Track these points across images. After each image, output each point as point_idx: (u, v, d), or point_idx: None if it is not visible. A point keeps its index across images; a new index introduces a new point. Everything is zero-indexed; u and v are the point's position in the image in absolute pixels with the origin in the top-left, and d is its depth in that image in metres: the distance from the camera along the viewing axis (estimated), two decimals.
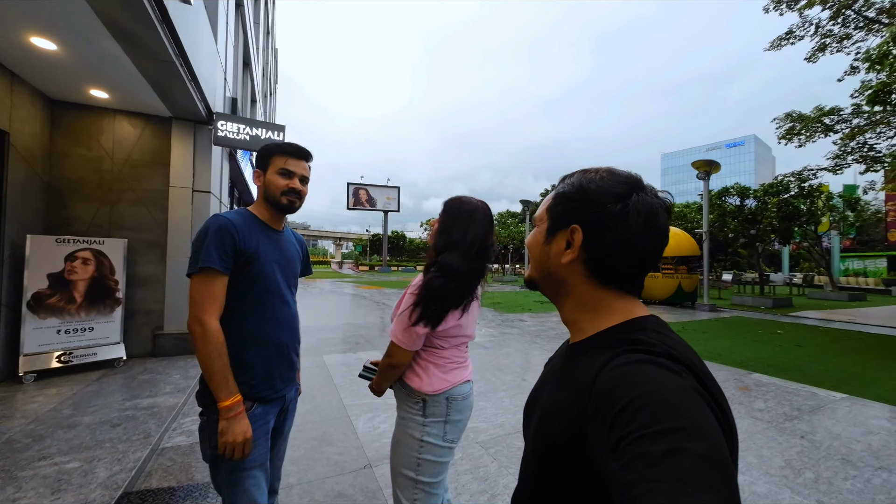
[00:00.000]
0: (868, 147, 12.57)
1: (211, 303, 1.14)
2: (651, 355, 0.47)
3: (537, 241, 0.64)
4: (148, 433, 2.63)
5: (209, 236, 1.16)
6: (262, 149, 1.32)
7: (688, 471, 0.34)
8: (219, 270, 1.15)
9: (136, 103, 4.42)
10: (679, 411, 0.39)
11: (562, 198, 0.62)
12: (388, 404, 3.50)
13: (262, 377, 1.24)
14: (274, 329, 1.27)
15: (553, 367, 0.67)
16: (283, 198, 1.29)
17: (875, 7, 11.47)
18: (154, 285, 4.64)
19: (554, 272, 0.62)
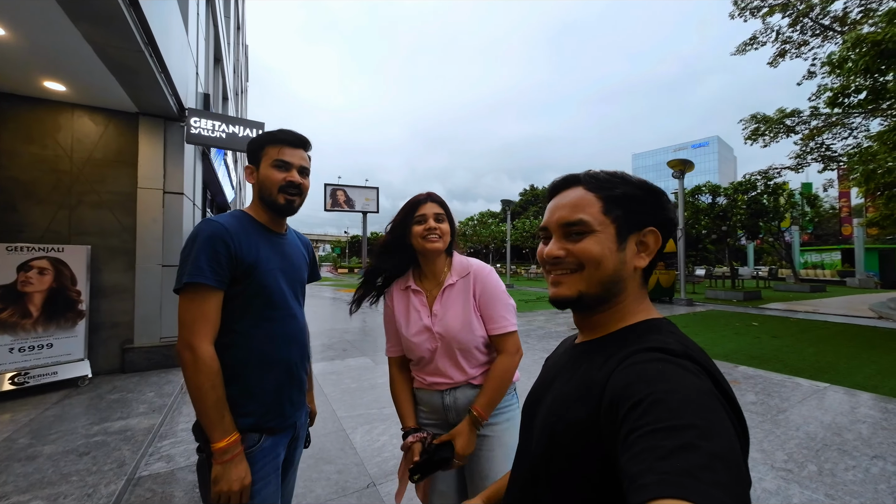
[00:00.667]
0: (825, 147, 13.39)
1: (203, 324, 0.97)
2: (669, 355, 0.47)
3: (610, 250, 0.57)
4: (122, 461, 2.36)
5: (198, 245, 0.98)
6: (253, 140, 1.14)
7: (699, 467, 0.34)
8: (211, 286, 0.98)
9: (97, 97, 4.04)
10: (694, 410, 0.39)
11: (631, 199, 0.59)
12: (384, 415, 3.34)
13: (271, 404, 1.07)
14: (281, 347, 1.10)
15: (557, 366, 0.65)
16: (281, 196, 1.11)
17: (830, 15, 12.20)
18: (122, 295, 4.26)
19: (621, 279, 0.58)
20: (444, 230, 1.21)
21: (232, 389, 1.00)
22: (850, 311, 10.36)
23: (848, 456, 2.64)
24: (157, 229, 4.42)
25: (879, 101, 8.54)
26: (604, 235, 0.57)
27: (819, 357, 5.38)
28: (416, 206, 1.22)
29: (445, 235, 1.21)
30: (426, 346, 1.19)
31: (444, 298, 1.21)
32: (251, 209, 1.17)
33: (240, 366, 1.03)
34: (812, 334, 7.11)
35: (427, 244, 1.18)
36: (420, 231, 1.19)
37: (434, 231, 1.18)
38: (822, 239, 32.85)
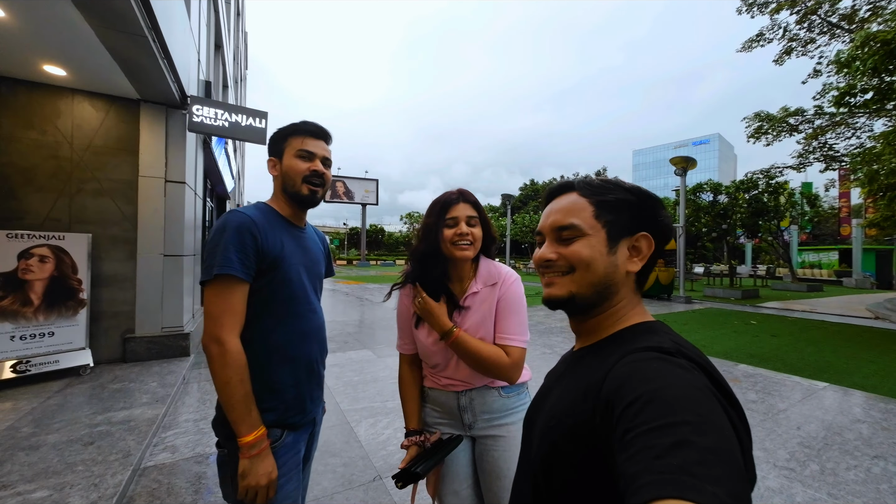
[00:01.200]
0: (828, 147, 13.36)
1: (230, 317, 0.96)
2: (662, 353, 0.48)
3: (601, 253, 0.59)
4: (127, 451, 2.36)
5: (227, 236, 0.97)
6: (276, 133, 1.14)
7: (695, 463, 0.34)
8: (239, 278, 0.97)
9: (98, 83, 3.97)
10: (688, 406, 0.39)
11: (623, 204, 0.61)
12: (387, 408, 3.35)
13: (292, 400, 1.06)
14: (303, 342, 1.09)
15: (555, 376, 0.66)
16: (304, 186, 1.10)
17: (838, 13, 12.08)
18: (123, 284, 4.23)
19: (613, 283, 0.60)
20: (476, 235, 1.13)
21: (254, 385, 0.99)
22: (847, 311, 10.42)
23: (849, 456, 2.66)
24: (158, 218, 4.38)
25: (885, 102, 8.50)
26: (595, 239, 0.59)
27: (818, 356, 5.41)
28: (448, 208, 1.14)
29: (477, 241, 1.14)
30: (442, 354, 1.16)
31: (465, 306, 1.16)
32: (273, 202, 1.16)
33: (262, 361, 1.02)
34: (811, 334, 7.16)
35: (457, 251, 1.11)
36: (450, 236, 1.12)
37: (466, 237, 1.11)
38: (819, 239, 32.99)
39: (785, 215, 16.09)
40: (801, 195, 17.28)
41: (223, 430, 0.99)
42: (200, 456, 2.49)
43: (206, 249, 1.00)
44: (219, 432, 1.02)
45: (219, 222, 1.01)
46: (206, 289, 0.97)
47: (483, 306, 1.15)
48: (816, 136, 13.18)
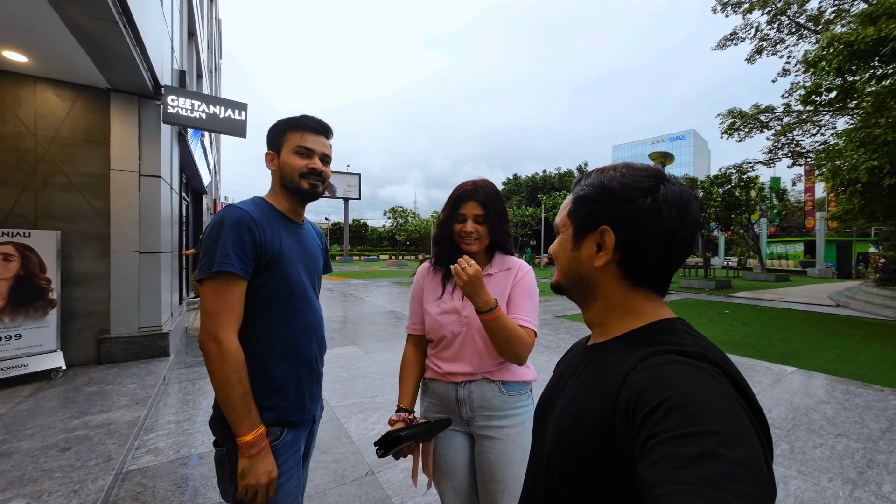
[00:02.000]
0: (795, 143, 14.00)
1: (228, 314, 0.94)
2: (687, 357, 0.46)
3: (564, 249, 0.62)
4: (108, 455, 2.28)
5: (225, 232, 0.95)
6: (274, 125, 1.11)
7: (721, 476, 0.32)
8: (238, 275, 0.95)
9: (63, 70, 3.74)
10: (715, 416, 0.37)
11: (585, 200, 0.60)
12: (377, 403, 3.35)
13: (292, 398, 1.05)
14: (303, 340, 1.08)
15: (570, 369, 0.65)
16: (303, 181, 1.08)
17: (805, 14, 12.59)
18: (96, 283, 4.05)
19: (585, 277, 0.60)
20: (481, 232, 1.21)
21: (253, 383, 0.97)
22: (811, 300, 11.03)
23: (816, 435, 2.84)
24: (133, 214, 4.19)
25: (848, 101, 8.96)
26: (564, 236, 0.63)
27: (786, 343, 5.72)
28: (459, 204, 1.22)
29: (483, 238, 1.22)
30: (451, 328, 1.19)
31: None
32: (270, 197, 1.13)
33: (261, 359, 1.01)
34: (779, 321, 7.55)
35: (463, 245, 1.22)
36: (458, 230, 1.22)
37: (470, 234, 1.20)
38: (786, 231, 34.62)
39: (755, 209, 16.80)
40: (770, 189, 18.09)
41: (221, 429, 0.98)
42: (185, 458, 2.43)
43: (203, 246, 0.97)
44: (217, 431, 1.00)
45: (215, 218, 0.99)
46: (204, 286, 0.95)
47: (496, 290, 1.20)
48: (785, 133, 13.79)
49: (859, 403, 3.44)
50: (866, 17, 7.52)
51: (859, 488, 2.20)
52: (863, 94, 8.22)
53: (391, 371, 4.25)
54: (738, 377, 0.46)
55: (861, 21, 7.62)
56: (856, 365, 4.62)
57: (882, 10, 7.24)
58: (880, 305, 9.11)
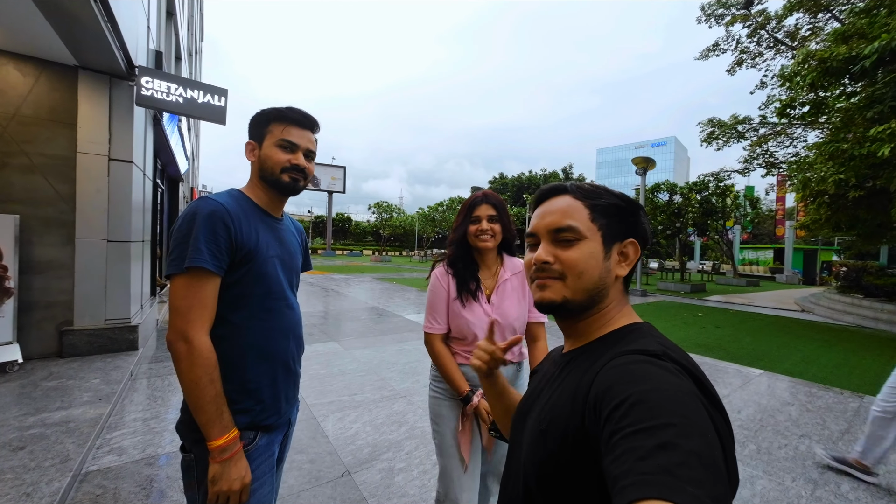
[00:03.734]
0: (769, 154, 14.56)
1: (199, 312, 0.89)
2: (650, 356, 0.48)
3: (596, 258, 0.59)
4: (65, 455, 2.15)
5: (198, 225, 0.89)
6: (258, 115, 1.05)
7: (677, 465, 0.34)
8: (210, 271, 0.90)
9: (25, 44, 3.50)
10: (673, 409, 0.39)
11: (615, 210, 0.61)
12: (355, 402, 3.29)
13: (267, 401, 1.00)
14: (280, 340, 1.03)
15: (545, 377, 0.66)
16: (284, 175, 1.03)
17: (783, 30, 13.07)
18: (58, 272, 3.82)
19: (604, 287, 0.61)
20: (496, 230, 1.36)
21: (226, 385, 0.92)
22: (779, 305, 11.53)
23: (781, 436, 2.95)
24: (101, 200, 3.98)
25: (819, 115, 9.36)
26: (593, 243, 0.60)
27: (755, 346, 5.95)
28: (473, 208, 1.37)
29: (497, 235, 1.37)
30: (482, 328, 1.33)
31: (500, 291, 1.39)
32: (248, 189, 1.06)
33: (235, 360, 0.95)
34: (748, 325, 7.85)
35: (479, 243, 1.36)
36: (474, 231, 1.36)
37: (486, 232, 1.35)
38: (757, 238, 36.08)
39: (730, 216, 17.43)
40: (744, 198, 18.80)
41: (189, 433, 0.92)
42: (151, 458, 2.32)
43: (174, 239, 0.91)
44: (184, 435, 0.94)
45: (188, 210, 0.92)
46: (174, 282, 0.89)
47: (515, 293, 1.40)
48: (760, 144, 14.32)
49: (821, 405, 3.60)
50: (839, 35, 7.85)
51: (820, 487, 2.30)
52: (833, 110, 8.60)
53: (371, 368, 4.19)
54: (698, 374, 0.48)
55: (834, 39, 7.94)
56: (818, 368, 4.84)
57: (853, 30, 7.56)
58: (841, 311, 9.60)
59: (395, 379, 3.90)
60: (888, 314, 8.33)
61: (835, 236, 16.35)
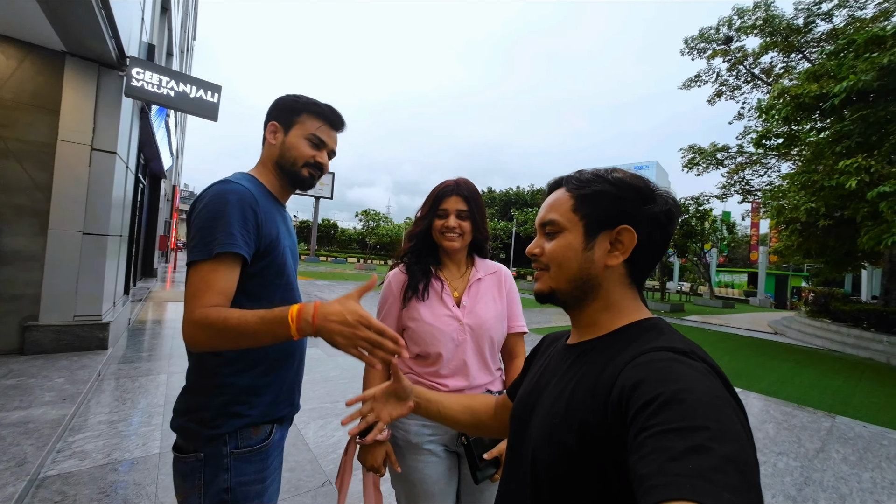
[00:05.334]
0: (745, 182, 15.25)
1: (213, 297, 0.79)
2: (678, 354, 0.47)
3: (574, 249, 0.58)
4: (22, 458, 1.99)
5: (230, 210, 0.83)
6: (291, 100, 1.00)
7: (711, 469, 0.33)
8: (242, 256, 0.83)
9: (9, 25, 3.38)
10: (707, 412, 0.38)
11: (601, 196, 0.58)
12: (337, 409, 3.19)
13: (284, 392, 0.97)
14: None
15: (550, 368, 0.64)
16: (305, 169, 0.99)
17: (759, 66, 13.88)
18: (27, 263, 3.62)
19: (593, 277, 0.58)
20: (465, 228, 1.14)
21: (247, 378, 0.89)
22: (753, 326, 11.91)
23: (760, 453, 3.00)
24: (79, 191, 3.81)
25: (792, 147, 9.90)
26: (571, 234, 0.59)
27: (733, 364, 6.10)
28: (441, 199, 1.14)
29: (466, 234, 1.15)
30: (452, 338, 1.09)
31: (471, 292, 1.16)
32: (259, 173, 1.01)
33: (258, 351, 0.90)
34: (726, 344, 8.06)
35: (444, 241, 1.14)
36: (439, 226, 1.14)
37: (453, 230, 1.13)
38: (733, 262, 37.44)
39: (708, 239, 18.07)
40: (721, 222, 19.57)
41: (201, 430, 0.85)
42: (116, 462, 2.18)
43: (199, 223, 0.83)
44: (191, 435, 0.86)
45: (214, 193, 0.85)
46: (196, 268, 0.81)
47: (491, 291, 1.18)
48: (737, 172, 15.01)
49: (796, 424, 3.69)
50: (811, 74, 8.38)
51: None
52: (805, 143, 9.12)
53: (355, 375, 4.09)
54: (723, 375, 0.47)
55: (806, 78, 8.48)
56: (792, 388, 4.99)
57: (823, 70, 8.09)
58: (811, 335, 9.98)
59: None
60: (854, 339, 8.71)
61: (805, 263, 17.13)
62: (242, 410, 0.88)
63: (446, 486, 1.09)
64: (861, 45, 7.36)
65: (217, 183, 0.89)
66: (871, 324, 8.88)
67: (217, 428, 0.85)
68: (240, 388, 0.88)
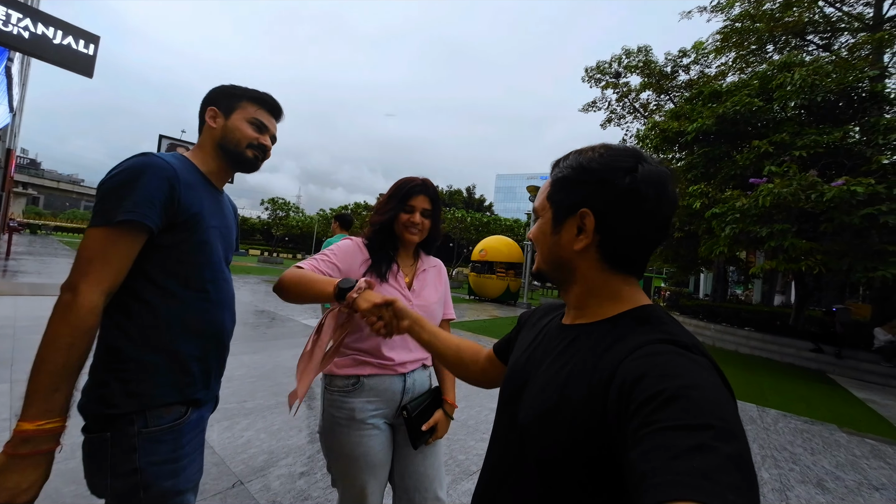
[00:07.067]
0: None
1: (103, 268, 0.78)
2: (680, 347, 0.46)
3: (544, 233, 0.61)
4: None
5: (142, 179, 0.82)
6: (229, 88, 1.03)
7: (715, 469, 0.33)
8: (144, 226, 0.82)
9: None
10: (711, 410, 0.38)
11: (564, 182, 0.59)
12: (245, 409, 2.98)
13: (199, 374, 0.94)
14: (216, 313, 0.98)
15: (542, 347, 0.63)
16: (249, 150, 1.02)
17: (639, 102, 16.57)
18: None
19: (566, 261, 0.59)
20: (426, 226, 1.27)
21: (157, 355, 0.87)
22: None
23: None
24: None
25: None
26: (543, 220, 0.62)
27: None
28: (410, 196, 1.23)
29: (424, 230, 1.27)
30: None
31: (420, 279, 1.29)
32: (195, 156, 1.01)
33: (164, 328, 0.88)
34: None
35: (406, 234, 1.24)
36: (405, 220, 1.23)
37: (417, 226, 1.24)
38: None
39: None
40: None
41: (107, 408, 0.81)
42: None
43: (107, 188, 0.81)
44: (95, 410, 0.82)
45: (131, 162, 0.84)
46: (91, 232, 0.79)
47: (434, 280, 1.34)
48: None
49: None
50: (673, 114, 10.35)
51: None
52: None
53: (264, 374, 3.84)
54: (720, 368, 0.47)
55: (670, 116, 10.45)
56: None
57: (681, 112, 10.08)
58: None
59: (293, 384, 3.63)
60: (693, 328, 11.07)
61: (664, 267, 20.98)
62: (145, 390, 0.85)
63: (385, 456, 1.17)
64: (706, 96, 9.36)
65: (138, 155, 0.87)
66: (704, 315, 11.38)
67: (119, 407, 0.82)
68: (144, 366, 0.85)
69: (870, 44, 8.65)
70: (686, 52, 13.87)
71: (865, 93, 7.55)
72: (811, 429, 3.97)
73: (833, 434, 3.90)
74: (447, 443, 2.64)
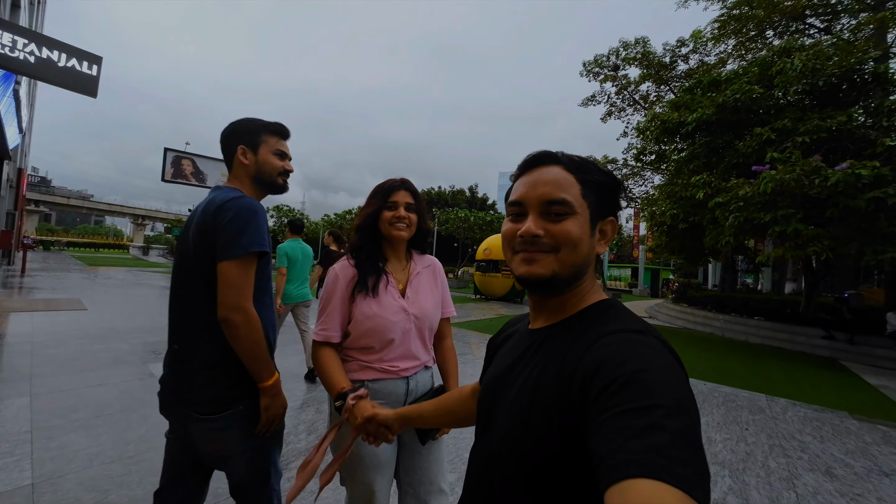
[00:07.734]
0: (629, 190, 17.96)
1: (250, 290, 1.10)
2: (637, 333, 0.50)
3: (586, 233, 0.58)
4: None
5: (259, 217, 1.11)
6: (248, 123, 1.24)
7: (665, 444, 0.35)
8: (265, 255, 1.13)
9: None
10: (661, 389, 0.40)
11: (603, 187, 0.60)
12: None
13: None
14: (270, 331, 1.21)
15: (513, 354, 0.64)
16: (280, 178, 1.27)
17: (639, 93, 16.45)
18: None
19: (587, 264, 0.60)
20: (412, 220, 1.26)
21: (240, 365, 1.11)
22: (636, 312, 14.17)
23: None
24: None
25: (661, 164, 12.01)
26: (582, 219, 0.58)
27: None
28: (390, 193, 1.25)
29: (412, 225, 1.26)
30: (401, 327, 1.20)
31: (413, 285, 1.28)
32: (242, 188, 1.21)
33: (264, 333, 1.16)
34: None
35: (393, 231, 1.23)
36: (389, 217, 1.23)
37: (403, 220, 1.23)
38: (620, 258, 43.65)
39: None
40: None
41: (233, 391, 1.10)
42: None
43: (235, 225, 1.06)
44: (227, 396, 1.10)
45: (245, 203, 1.09)
46: (232, 262, 1.05)
47: (429, 283, 1.34)
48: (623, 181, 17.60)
49: None
50: (673, 104, 10.28)
51: None
52: (670, 160, 11.15)
53: None
54: (671, 347, 0.50)
55: (670, 107, 10.38)
56: None
57: (682, 102, 10.00)
58: (674, 317, 12.29)
59: (299, 389, 3.71)
60: (702, 318, 10.97)
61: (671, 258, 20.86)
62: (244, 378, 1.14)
63: (391, 455, 1.20)
64: (706, 86, 9.28)
65: (242, 198, 1.11)
66: (712, 306, 11.28)
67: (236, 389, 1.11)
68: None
69: (872, 24, 8.51)
70: (685, 41, 13.75)
71: (869, 75, 7.43)
72: (821, 416, 3.94)
73: (844, 421, 3.86)
74: (454, 441, 2.68)
